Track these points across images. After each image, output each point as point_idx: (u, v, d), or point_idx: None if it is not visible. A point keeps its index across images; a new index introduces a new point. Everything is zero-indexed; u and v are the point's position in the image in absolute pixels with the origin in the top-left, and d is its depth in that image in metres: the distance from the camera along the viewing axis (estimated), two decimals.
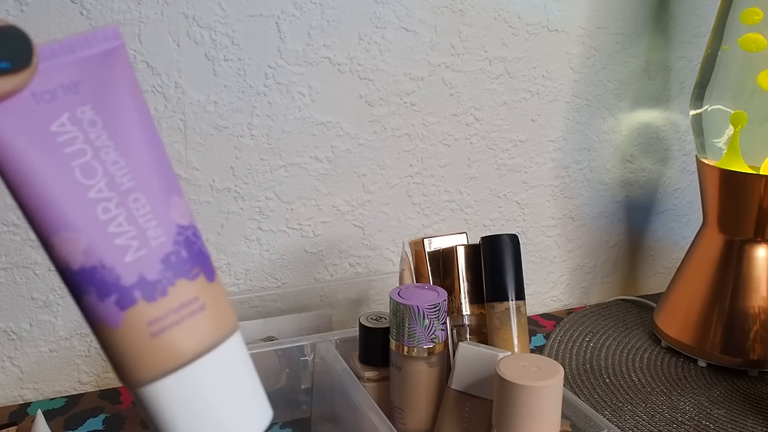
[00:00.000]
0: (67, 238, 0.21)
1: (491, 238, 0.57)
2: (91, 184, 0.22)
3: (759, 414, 0.66)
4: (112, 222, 0.22)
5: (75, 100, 0.21)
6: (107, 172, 0.22)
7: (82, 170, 0.21)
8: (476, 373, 0.52)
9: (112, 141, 0.22)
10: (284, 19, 0.68)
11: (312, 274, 0.76)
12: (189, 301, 0.23)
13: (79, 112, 0.21)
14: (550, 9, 0.78)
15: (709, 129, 0.73)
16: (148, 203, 0.22)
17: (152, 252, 0.22)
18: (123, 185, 0.22)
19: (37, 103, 0.21)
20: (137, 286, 0.22)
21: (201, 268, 0.23)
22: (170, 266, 0.22)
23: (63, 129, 0.21)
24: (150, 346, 0.22)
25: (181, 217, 0.23)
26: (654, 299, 0.87)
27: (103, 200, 0.22)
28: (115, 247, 0.22)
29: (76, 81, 0.21)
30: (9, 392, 0.68)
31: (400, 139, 0.76)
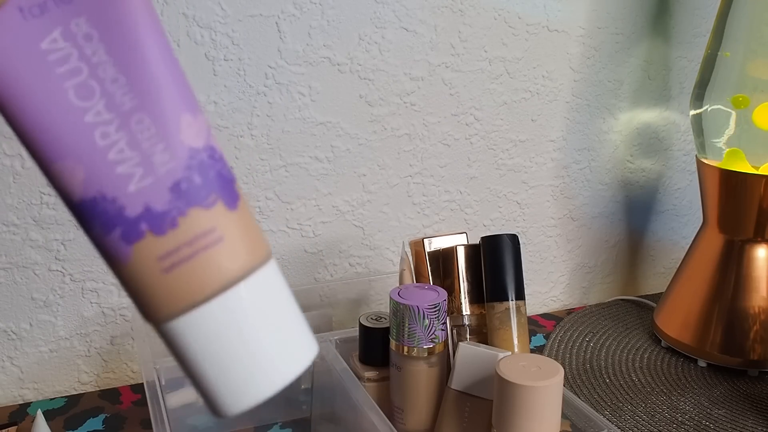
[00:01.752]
0: (64, 168, 0.19)
1: (491, 238, 0.57)
2: (88, 107, 0.19)
3: (759, 414, 0.66)
4: (112, 148, 0.20)
5: (68, 11, 0.19)
6: (105, 91, 0.20)
7: (77, 91, 0.19)
8: (476, 373, 0.52)
9: (111, 56, 0.19)
10: (284, 19, 0.68)
11: (312, 274, 0.76)
12: (204, 233, 0.20)
13: (73, 25, 0.19)
14: (550, 9, 0.78)
15: (709, 129, 0.73)
16: (154, 124, 0.20)
17: (159, 180, 0.20)
18: (124, 105, 0.20)
19: (24, 18, 0.19)
20: (143, 218, 0.20)
21: (219, 195, 0.21)
22: (181, 195, 0.20)
23: (55, 46, 0.19)
24: (163, 283, 0.20)
25: (194, 138, 0.21)
26: (654, 299, 0.87)
27: (101, 124, 0.19)
28: (117, 176, 0.20)
29: None
30: (9, 392, 0.68)
31: (400, 139, 0.76)
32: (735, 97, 0.69)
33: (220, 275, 0.20)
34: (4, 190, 0.63)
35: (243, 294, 0.20)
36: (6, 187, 0.63)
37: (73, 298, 0.68)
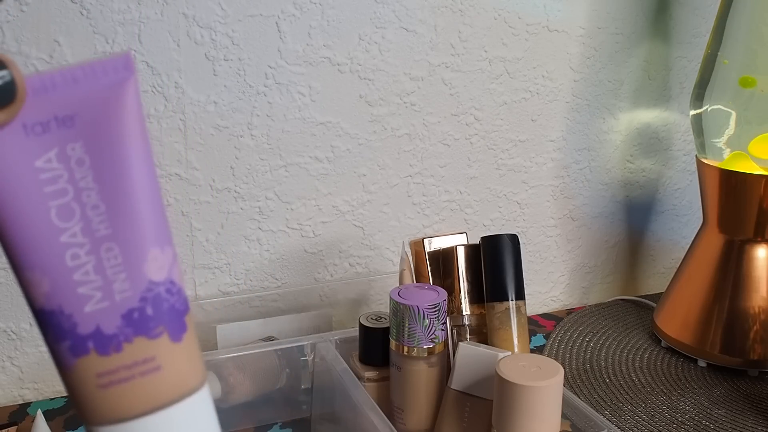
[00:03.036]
0: (32, 279, 0.21)
1: (491, 238, 0.57)
2: (65, 228, 0.21)
3: (759, 414, 0.66)
4: (79, 269, 0.21)
5: (68, 135, 0.20)
6: (84, 216, 0.21)
7: (58, 212, 0.21)
8: (476, 373, 0.52)
9: (97, 183, 0.21)
10: (284, 19, 0.68)
11: (312, 274, 0.76)
12: (144, 360, 0.22)
13: (69, 148, 0.20)
14: (550, 9, 0.78)
15: (709, 129, 0.73)
16: (121, 254, 0.21)
17: (114, 306, 0.22)
18: (99, 232, 0.21)
19: (26, 135, 0.20)
20: (92, 338, 0.21)
21: (166, 327, 0.22)
22: (131, 322, 0.22)
23: (48, 165, 0.20)
24: (96, 396, 0.22)
25: (156, 272, 0.22)
26: (654, 299, 0.87)
27: (74, 245, 0.21)
28: (77, 295, 0.21)
29: (73, 114, 0.20)
30: (9, 392, 0.68)
31: (400, 139, 0.76)
32: (743, 78, 0.69)
33: (149, 400, 0.22)
34: None
35: (168, 417, 0.22)
36: None
37: None
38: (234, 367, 0.60)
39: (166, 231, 0.22)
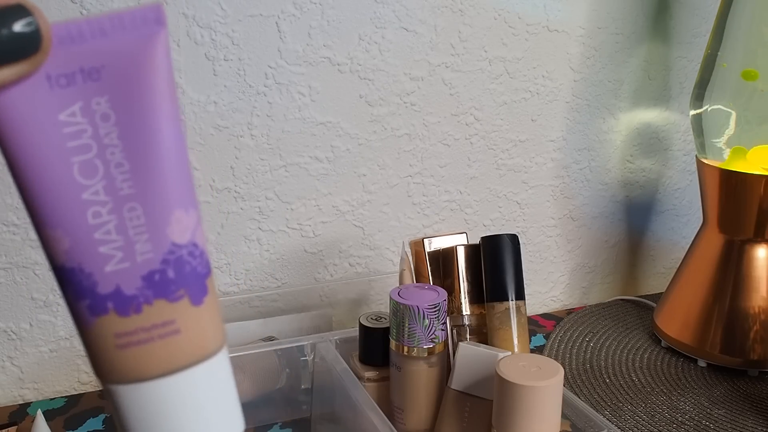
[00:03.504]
0: (53, 236, 0.21)
1: (491, 238, 0.57)
2: (88, 185, 0.20)
3: (759, 414, 0.66)
4: (100, 228, 0.21)
5: (93, 88, 0.20)
6: (108, 173, 0.20)
7: (81, 168, 0.20)
8: (476, 373, 0.52)
9: (122, 140, 0.20)
10: (284, 19, 0.68)
11: (312, 274, 0.76)
12: (163, 323, 0.22)
13: (94, 102, 0.20)
14: (550, 9, 0.78)
15: (709, 129, 0.73)
16: (144, 215, 0.21)
17: (136, 266, 0.21)
18: (122, 191, 0.21)
19: (50, 87, 0.19)
20: (111, 298, 0.21)
21: (187, 291, 0.22)
22: (152, 284, 0.21)
23: (72, 119, 0.20)
24: (114, 356, 0.22)
25: (179, 235, 0.22)
26: (654, 299, 0.87)
27: (96, 203, 0.20)
28: (98, 254, 0.21)
29: (99, 67, 0.20)
30: (9, 392, 0.68)
31: (400, 139, 0.76)
32: (746, 71, 0.69)
33: (167, 362, 0.22)
34: (4, 190, 0.63)
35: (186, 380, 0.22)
36: (6, 187, 0.63)
37: None
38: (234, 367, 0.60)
39: (191, 192, 0.22)
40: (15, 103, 0.19)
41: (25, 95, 0.19)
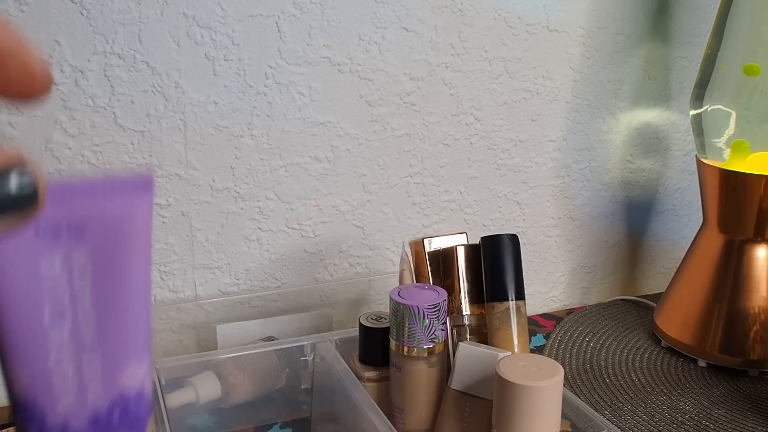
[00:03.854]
0: (15, 369, 0.22)
1: (491, 238, 0.57)
2: (53, 329, 0.21)
3: (759, 414, 0.66)
4: (59, 369, 0.22)
5: (75, 242, 0.21)
6: (75, 321, 0.22)
7: (51, 313, 0.21)
8: (476, 373, 0.52)
9: (94, 292, 0.22)
10: (284, 19, 0.68)
11: (312, 274, 0.76)
12: None
13: (75, 255, 0.21)
14: (550, 9, 0.78)
15: (709, 129, 0.73)
16: (100, 363, 0.22)
17: (85, 409, 0.22)
18: (85, 338, 0.22)
19: (36, 236, 0.21)
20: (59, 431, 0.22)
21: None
22: (96, 427, 0.23)
23: (51, 268, 0.21)
24: None
25: (129, 383, 0.23)
26: (654, 299, 0.87)
27: (58, 347, 0.22)
28: (52, 393, 0.22)
29: (84, 224, 0.21)
30: None
31: (400, 139, 0.76)
32: (748, 66, 0.69)
33: None
34: None
35: None
36: None
37: None
38: (234, 367, 0.60)
39: (147, 343, 0.23)
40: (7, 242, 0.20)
41: (11, 240, 0.20)
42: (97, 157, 0.65)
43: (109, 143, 0.65)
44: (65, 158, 0.64)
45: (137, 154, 0.66)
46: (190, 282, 0.71)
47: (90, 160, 0.65)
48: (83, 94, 0.63)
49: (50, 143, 0.63)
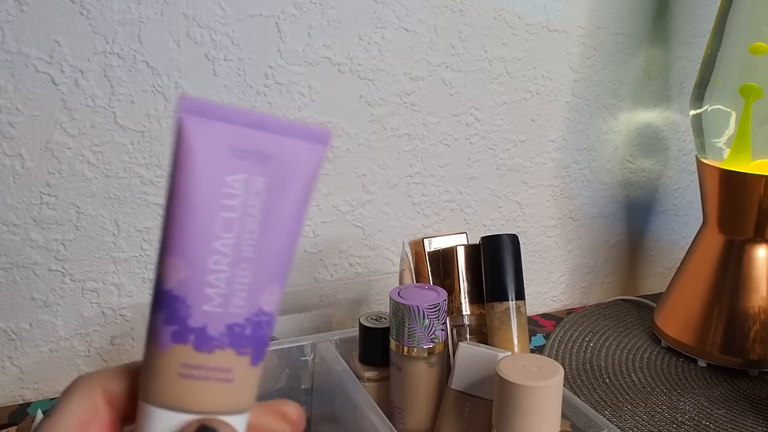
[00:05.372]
0: (174, 264, 0.24)
1: (491, 238, 0.57)
2: (221, 237, 0.24)
3: (759, 414, 0.66)
4: (214, 273, 0.24)
5: (258, 168, 0.24)
6: (239, 235, 0.24)
7: (222, 222, 0.24)
8: (476, 373, 0.52)
9: (261, 214, 0.24)
10: (284, 19, 0.68)
11: (312, 274, 0.76)
12: (224, 369, 0.25)
13: (255, 179, 0.24)
14: (550, 9, 0.78)
15: (709, 129, 0.73)
16: (251, 278, 0.25)
17: (226, 315, 0.25)
18: (243, 252, 0.24)
19: (229, 154, 0.24)
20: (196, 332, 0.24)
21: (252, 350, 0.25)
22: (231, 334, 0.25)
23: (233, 183, 0.24)
24: (171, 381, 0.24)
25: (266, 304, 0.25)
26: (654, 299, 0.87)
27: (220, 254, 0.24)
28: (203, 294, 0.24)
29: (271, 156, 0.24)
30: (9, 392, 0.68)
31: (400, 139, 0.76)
32: (755, 45, 0.69)
33: (208, 404, 0.25)
34: (4, 190, 0.63)
35: None
36: (6, 187, 0.63)
37: (73, 298, 0.68)
38: None
39: (287, 273, 0.25)
40: (200, 150, 0.24)
41: (210, 151, 0.24)
42: (97, 157, 0.65)
43: (109, 143, 0.65)
44: (65, 158, 0.64)
45: (137, 154, 0.66)
46: None
47: (90, 160, 0.65)
48: (83, 94, 0.63)
49: (50, 143, 0.63)
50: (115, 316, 0.70)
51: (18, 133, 0.62)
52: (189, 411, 0.24)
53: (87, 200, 0.66)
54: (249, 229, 0.24)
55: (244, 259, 0.24)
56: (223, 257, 0.24)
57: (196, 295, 0.24)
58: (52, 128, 0.63)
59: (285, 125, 0.25)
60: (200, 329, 0.24)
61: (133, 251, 0.68)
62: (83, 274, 0.67)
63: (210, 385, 0.24)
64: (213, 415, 0.25)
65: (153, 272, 0.25)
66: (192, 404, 0.24)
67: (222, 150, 0.24)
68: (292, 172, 0.25)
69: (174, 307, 0.24)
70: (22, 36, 0.60)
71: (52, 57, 0.61)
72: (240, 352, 0.25)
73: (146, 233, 0.68)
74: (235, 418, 0.25)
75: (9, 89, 0.61)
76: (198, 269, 0.24)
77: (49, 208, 0.65)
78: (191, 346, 0.24)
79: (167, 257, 0.24)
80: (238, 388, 0.25)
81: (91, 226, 0.66)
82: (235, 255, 0.24)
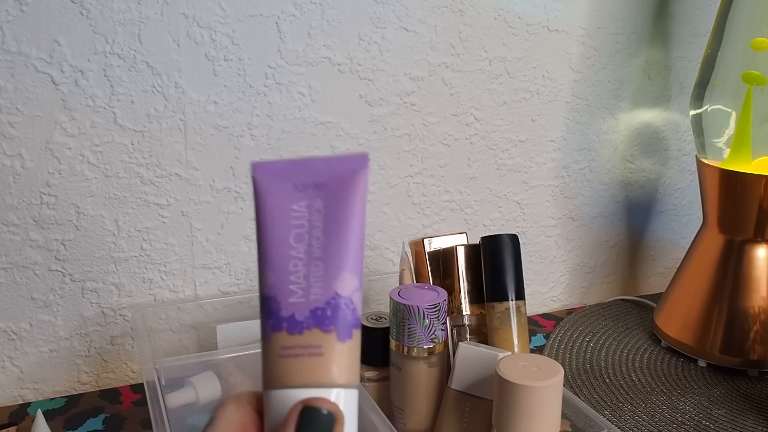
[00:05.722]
0: (266, 274, 0.31)
1: (491, 238, 0.57)
2: (295, 246, 0.31)
3: (759, 414, 0.66)
4: (294, 273, 0.30)
5: (316, 194, 0.31)
6: (309, 243, 0.31)
7: (295, 236, 0.31)
8: (476, 373, 0.52)
9: (323, 224, 0.31)
10: (284, 19, 0.68)
11: None
12: (314, 346, 0.30)
13: (315, 202, 0.31)
14: (550, 9, 0.78)
15: (709, 129, 0.73)
16: (323, 270, 0.31)
17: (308, 302, 0.30)
18: (314, 254, 0.31)
19: (293, 189, 0.31)
20: (287, 320, 0.30)
21: (336, 328, 0.30)
22: (314, 317, 0.30)
23: (299, 208, 0.31)
24: (275, 364, 0.30)
25: (341, 288, 0.31)
26: (654, 299, 0.87)
27: (296, 258, 0.31)
28: (288, 290, 0.30)
29: (323, 183, 0.31)
30: (9, 392, 0.68)
31: (400, 139, 0.76)
32: (756, 41, 0.68)
33: (308, 376, 0.30)
34: (4, 190, 0.63)
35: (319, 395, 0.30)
36: (6, 187, 0.63)
37: (73, 298, 0.68)
38: (234, 367, 0.60)
39: (359, 262, 0.31)
40: (273, 193, 0.31)
41: (280, 191, 0.31)
42: (97, 157, 0.65)
43: (109, 143, 0.65)
44: (65, 158, 0.64)
45: (137, 154, 0.66)
46: (190, 282, 0.71)
47: (90, 160, 0.65)
48: (83, 94, 0.63)
49: (50, 143, 0.63)
50: (115, 316, 0.70)
51: (18, 133, 0.62)
52: (291, 386, 0.29)
53: (87, 200, 0.66)
54: (316, 236, 0.31)
55: (315, 259, 0.31)
56: (299, 260, 0.31)
57: (282, 293, 0.30)
58: (52, 128, 0.63)
59: (330, 161, 0.32)
60: (290, 317, 0.30)
61: (133, 251, 0.68)
62: (83, 274, 0.67)
63: (304, 360, 0.30)
64: (311, 389, 0.29)
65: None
66: (293, 379, 0.29)
67: (286, 187, 0.31)
68: (343, 191, 0.31)
69: (269, 306, 0.30)
70: (22, 36, 0.60)
71: (52, 57, 0.61)
72: (325, 330, 0.30)
73: (146, 233, 0.68)
74: (336, 391, 0.30)
75: (9, 89, 0.61)
76: (281, 273, 0.31)
77: (49, 208, 0.65)
78: (285, 331, 0.30)
79: (261, 270, 0.31)
80: (329, 361, 0.30)
81: (91, 226, 0.66)
82: (308, 257, 0.31)
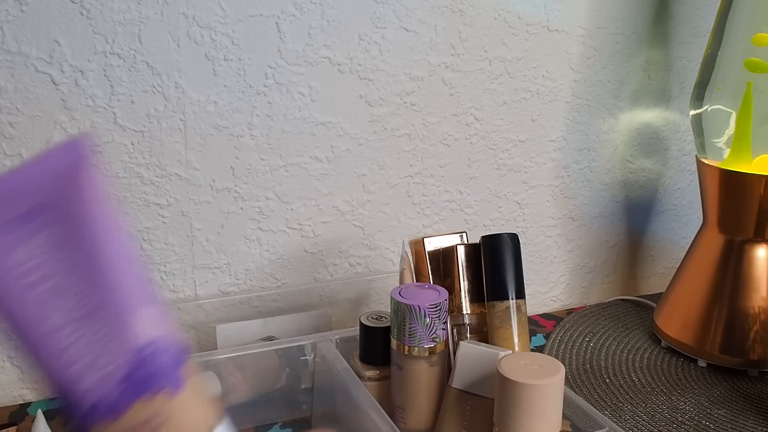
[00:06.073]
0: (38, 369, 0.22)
1: (491, 237, 0.57)
2: (48, 314, 0.21)
3: (759, 414, 0.66)
4: (68, 349, 0.21)
5: (36, 227, 0.20)
6: (67, 296, 0.21)
7: (39, 299, 0.20)
8: (477, 371, 0.52)
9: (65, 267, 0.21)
10: (284, 19, 0.68)
11: (312, 274, 0.76)
12: (149, 418, 0.22)
13: (38, 238, 0.20)
14: (550, 9, 0.78)
15: (709, 129, 0.73)
16: (107, 324, 0.21)
17: (109, 376, 0.22)
18: (83, 308, 0.21)
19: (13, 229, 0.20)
20: (97, 407, 0.22)
21: (162, 386, 0.23)
22: (128, 389, 0.22)
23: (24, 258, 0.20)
24: None
25: (144, 333, 0.22)
26: (654, 299, 0.87)
27: (58, 329, 0.21)
28: (70, 374, 0.21)
29: (44, 202, 0.20)
30: (9, 392, 0.68)
31: (400, 139, 0.76)
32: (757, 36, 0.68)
33: None
34: None
35: None
36: None
37: None
38: (234, 367, 0.60)
39: (150, 289, 0.22)
40: None
41: None
42: (97, 157, 0.65)
43: (109, 143, 0.65)
44: None
45: (137, 154, 0.66)
46: (190, 282, 0.71)
47: None
48: (83, 94, 0.63)
49: (50, 143, 0.63)
50: None
51: (18, 133, 0.62)
52: None
53: None
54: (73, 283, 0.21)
55: (88, 314, 0.21)
56: (64, 329, 0.21)
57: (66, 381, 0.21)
58: (52, 128, 0.63)
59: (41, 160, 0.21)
60: (100, 401, 0.22)
61: None
62: None
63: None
64: None
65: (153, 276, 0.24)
66: None
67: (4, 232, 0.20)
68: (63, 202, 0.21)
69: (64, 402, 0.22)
70: (22, 36, 0.60)
71: (52, 57, 0.61)
72: (150, 397, 0.23)
73: (146, 233, 0.68)
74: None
75: (9, 89, 0.61)
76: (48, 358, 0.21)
77: None
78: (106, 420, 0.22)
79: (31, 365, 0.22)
80: (180, 421, 0.23)
81: None
82: (76, 317, 0.21)
